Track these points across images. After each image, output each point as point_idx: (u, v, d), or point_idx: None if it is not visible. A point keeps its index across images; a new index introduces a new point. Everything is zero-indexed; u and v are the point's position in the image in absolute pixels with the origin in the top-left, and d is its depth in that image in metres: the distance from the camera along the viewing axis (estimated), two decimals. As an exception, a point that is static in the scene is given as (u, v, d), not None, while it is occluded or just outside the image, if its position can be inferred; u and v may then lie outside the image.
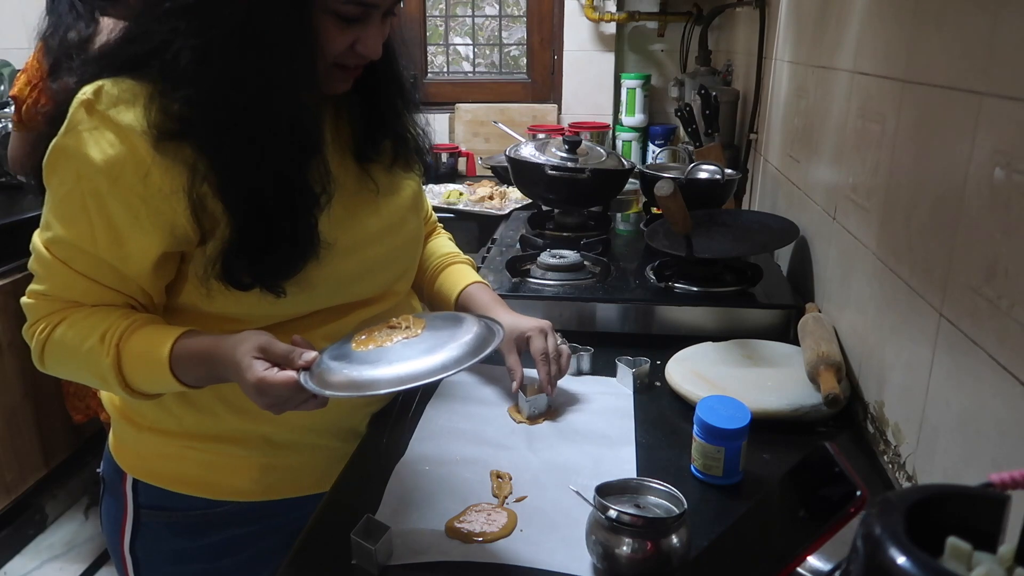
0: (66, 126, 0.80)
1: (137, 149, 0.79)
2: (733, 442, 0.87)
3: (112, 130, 0.79)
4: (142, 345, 0.84)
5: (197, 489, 0.96)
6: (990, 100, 0.72)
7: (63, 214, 0.82)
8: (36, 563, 2.20)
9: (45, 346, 0.86)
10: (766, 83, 1.86)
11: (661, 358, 1.17)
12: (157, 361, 0.82)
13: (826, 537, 0.56)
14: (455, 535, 0.80)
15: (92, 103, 0.79)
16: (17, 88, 1.98)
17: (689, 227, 1.31)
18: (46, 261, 0.84)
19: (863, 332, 1.06)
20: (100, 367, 0.83)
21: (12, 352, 2.09)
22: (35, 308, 0.87)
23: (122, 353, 0.83)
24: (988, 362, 0.69)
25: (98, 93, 0.80)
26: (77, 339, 0.84)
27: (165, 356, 0.82)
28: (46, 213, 0.84)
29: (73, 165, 0.80)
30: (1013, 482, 0.42)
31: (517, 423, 1.03)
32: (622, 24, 2.88)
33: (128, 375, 0.84)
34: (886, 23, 1.04)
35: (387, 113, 0.97)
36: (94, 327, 0.84)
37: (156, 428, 0.96)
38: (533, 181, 1.75)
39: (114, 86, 0.80)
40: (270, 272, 0.84)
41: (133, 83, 0.80)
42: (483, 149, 2.95)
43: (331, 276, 0.90)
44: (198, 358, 0.83)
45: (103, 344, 0.83)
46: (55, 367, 0.88)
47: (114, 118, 0.79)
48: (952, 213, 0.78)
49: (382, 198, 0.98)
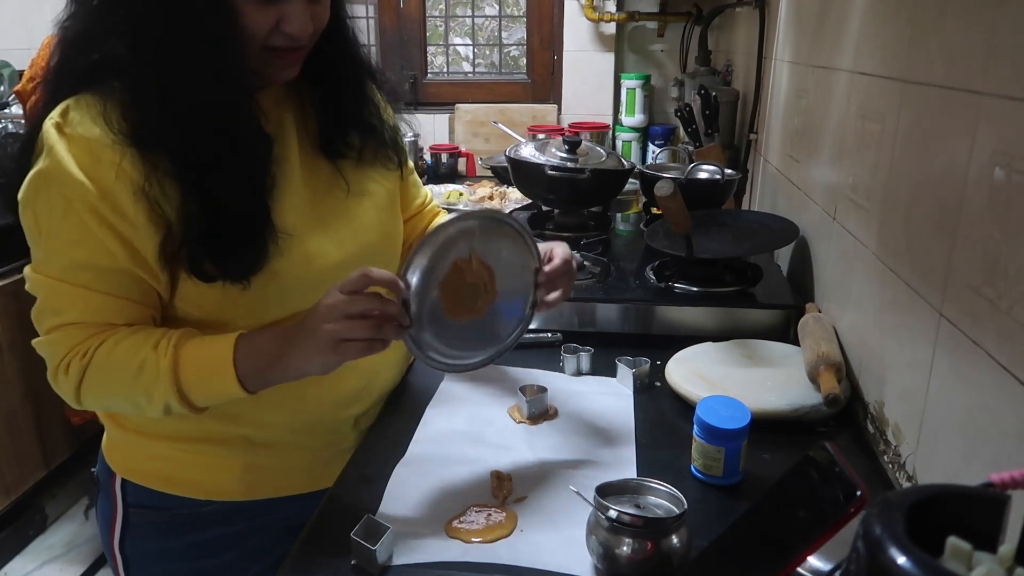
0: (43, 153, 0.80)
1: (112, 158, 0.80)
2: (733, 442, 0.87)
3: (85, 146, 0.79)
4: (202, 345, 0.84)
5: (183, 489, 0.96)
6: (990, 100, 0.72)
7: (67, 240, 0.81)
8: (36, 564, 2.20)
9: (85, 373, 0.83)
10: (766, 83, 1.86)
11: (661, 358, 1.17)
12: (220, 355, 0.82)
13: (826, 537, 0.56)
14: (455, 535, 0.80)
15: (61, 125, 0.80)
16: (21, 83, 2.00)
17: (689, 227, 1.31)
18: (63, 292, 0.82)
19: (863, 332, 1.06)
20: (154, 375, 0.82)
21: (12, 353, 2.09)
22: (62, 341, 0.84)
23: (180, 355, 0.82)
24: (988, 362, 0.69)
25: (65, 115, 0.81)
26: (127, 354, 0.83)
27: (229, 350, 0.82)
28: (42, 245, 0.82)
29: (58, 189, 0.80)
30: (1013, 482, 0.42)
31: (517, 423, 1.03)
32: (622, 24, 2.88)
33: (184, 379, 0.82)
34: (886, 23, 1.04)
35: (347, 100, 0.96)
36: (145, 339, 0.83)
37: (140, 430, 0.96)
38: (533, 181, 1.75)
39: (77, 104, 0.81)
40: (232, 260, 0.84)
41: (92, 97, 0.81)
42: (483, 149, 2.95)
43: (301, 275, 0.90)
44: (268, 337, 0.83)
45: (157, 351, 0.82)
46: (95, 394, 0.85)
47: (85, 134, 0.80)
48: (952, 213, 0.78)
49: (352, 198, 0.97)
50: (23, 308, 2.04)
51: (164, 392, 0.82)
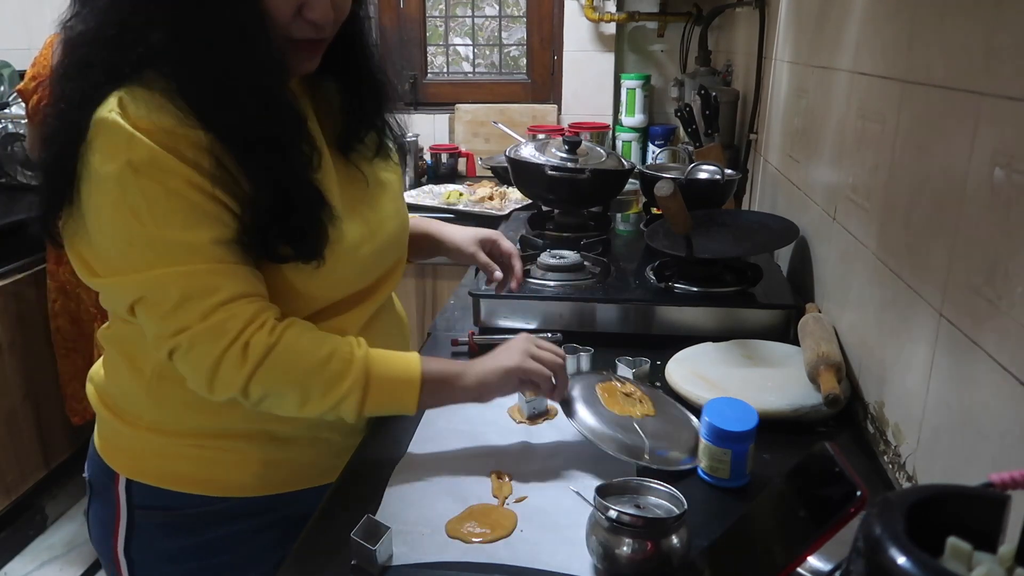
0: (115, 145, 0.77)
1: (189, 140, 0.78)
2: (740, 444, 0.87)
3: (162, 132, 0.77)
4: (387, 355, 0.89)
5: (196, 487, 0.95)
6: (990, 100, 0.72)
7: (184, 222, 0.79)
8: (36, 564, 2.20)
9: (272, 351, 0.81)
10: (766, 83, 1.86)
11: (661, 358, 1.17)
12: (406, 362, 0.89)
13: (826, 537, 0.56)
14: (455, 535, 0.80)
15: (126, 116, 0.77)
16: (23, 82, 2.00)
17: (689, 227, 1.31)
18: (205, 274, 0.79)
19: (863, 332, 1.06)
20: (346, 365, 0.85)
21: (12, 352, 2.09)
22: (233, 318, 0.80)
23: (370, 354, 0.87)
24: (988, 362, 0.69)
25: (124, 107, 0.77)
26: (315, 340, 0.85)
27: (416, 360, 0.90)
28: (155, 239, 0.78)
29: (155, 176, 0.77)
30: (1013, 482, 0.42)
31: (517, 423, 1.03)
32: (622, 24, 2.88)
33: (374, 375, 0.86)
34: (886, 23, 1.04)
35: (367, 98, 0.98)
36: (325, 334, 0.87)
37: (156, 428, 0.95)
38: (533, 181, 1.75)
39: (132, 95, 0.78)
40: (304, 238, 0.85)
41: (139, 88, 0.79)
42: (483, 149, 2.95)
43: (351, 261, 0.92)
44: (445, 360, 0.94)
45: (349, 343, 0.86)
46: (274, 376, 0.83)
47: (157, 122, 0.77)
48: (952, 213, 0.78)
49: (373, 188, 0.99)
50: (23, 308, 2.05)
51: (350, 383, 0.85)
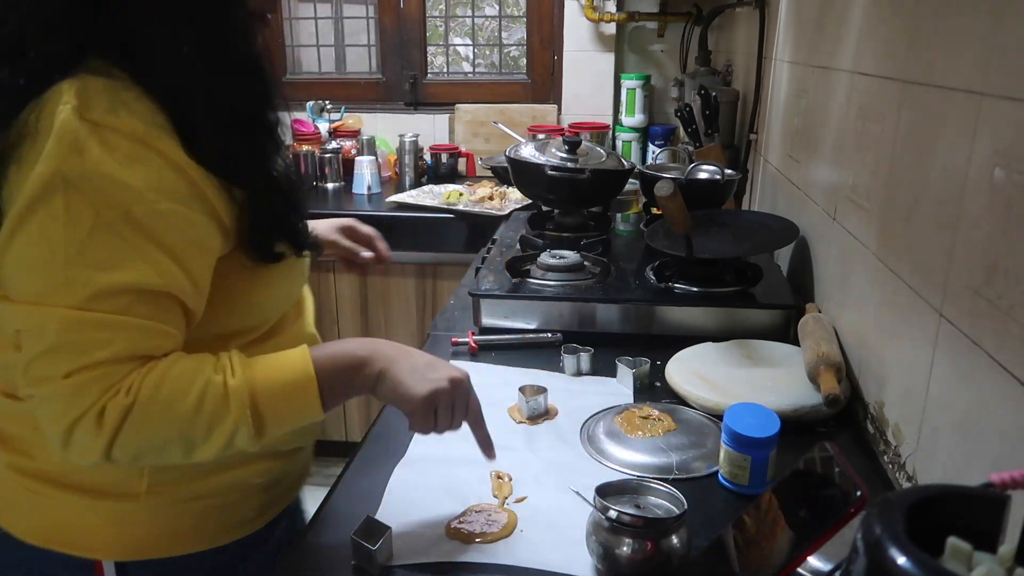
0: (57, 146, 0.64)
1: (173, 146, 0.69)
2: (760, 451, 0.86)
3: (133, 137, 0.67)
4: (269, 361, 0.75)
5: (199, 543, 0.86)
6: (990, 100, 0.72)
7: (99, 259, 0.66)
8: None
9: (129, 415, 0.68)
10: (766, 83, 1.86)
11: (661, 358, 1.17)
12: (294, 362, 0.75)
13: (826, 537, 0.56)
14: (455, 535, 0.80)
15: (85, 113, 0.65)
16: None
17: (689, 227, 1.31)
18: (91, 324, 0.67)
19: (863, 332, 1.06)
20: (221, 400, 0.71)
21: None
22: (92, 384, 0.68)
23: (250, 372, 0.73)
24: (988, 362, 0.69)
25: (85, 100, 0.66)
26: (181, 383, 0.70)
27: (305, 354, 0.75)
28: (60, 268, 0.66)
29: (89, 195, 0.65)
30: (1013, 482, 0.42)
31: (517, 423, 1.03)
32: (622, 24, 2.88)
33: (260, 394, 0.72)
34: (886, 23, 1.04)
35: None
36: (198, 365, 0.72)
37: (153, 490, 0.82)
38: (533, 181, 1.75)
39: (94, 89, 0.67)
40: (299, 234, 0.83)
41: (97, 81, 0.67)
42: (483, 149, 2.95)
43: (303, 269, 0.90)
44: (343, 344, 0.79)
45: (220, 373, 0.72)
46: (137, 439, 0.70)
47: (129, 125, 0.67)
48: (952, 213, 0.78)
49: None
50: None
51: (235, 418, 0.71)
